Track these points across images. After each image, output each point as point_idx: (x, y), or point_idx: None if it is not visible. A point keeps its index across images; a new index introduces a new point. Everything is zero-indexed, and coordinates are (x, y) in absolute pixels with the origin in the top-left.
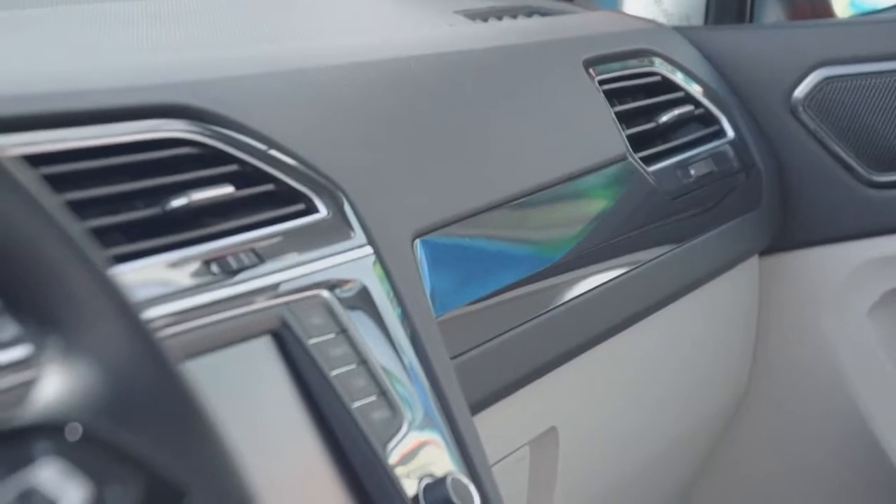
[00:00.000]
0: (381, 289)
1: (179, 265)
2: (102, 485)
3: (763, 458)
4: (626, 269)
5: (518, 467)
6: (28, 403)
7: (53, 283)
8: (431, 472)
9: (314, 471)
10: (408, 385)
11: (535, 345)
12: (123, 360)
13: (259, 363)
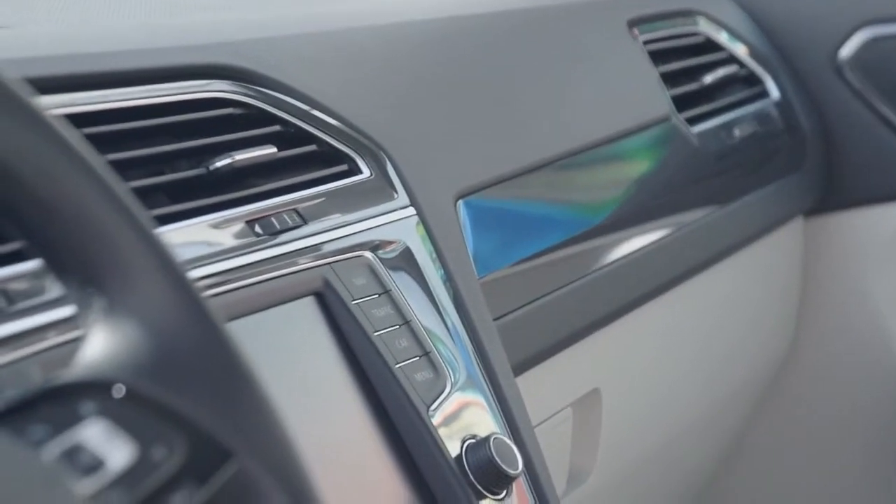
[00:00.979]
0: (424, 250)
1: (223, 226)
2: (147, 444)
3: (806, 421)
4: (669, 231)
5: (561, 429)
6: (74, 363)
7: (99, 243)
8: (474, 432)
9: (357, 432)
10: (451, 346)
11: (578, 306)
12: (168, 321)
13: (302, 324)
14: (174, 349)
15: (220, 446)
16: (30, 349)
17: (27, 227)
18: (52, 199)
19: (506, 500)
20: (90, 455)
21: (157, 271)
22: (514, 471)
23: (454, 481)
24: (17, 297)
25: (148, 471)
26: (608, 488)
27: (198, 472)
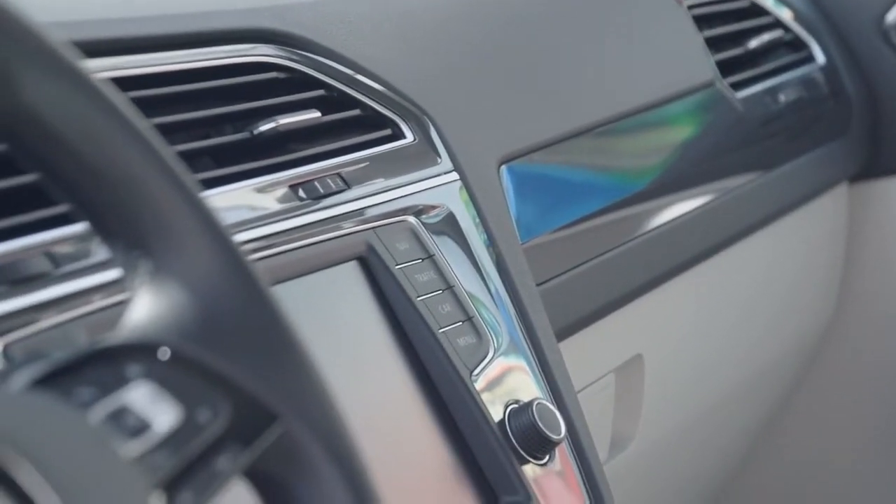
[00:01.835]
0: (467, 214)
1: (267, 190)
2: (193, 407)
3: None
4: (713, 197)
5: (603, 394)
6: (119, 325)
7: (145, 206)
8: (517, 397)
9: (400, 396)
10: (494, 311)
11: (621, 272)
12: (214, 284)
13: (345, 289)
14: (219, 312)
15: (264, 409)
16: (76, 312)
17: (74, 191)
18: (99, 163)
19: (548, 465)
20: (136, 417)
21: (202, 235)
22: (557, 436)
23: (497, 446)
24: (63, 260)
25: (193, 433)
26: (650, 455)
27: (243, 434)
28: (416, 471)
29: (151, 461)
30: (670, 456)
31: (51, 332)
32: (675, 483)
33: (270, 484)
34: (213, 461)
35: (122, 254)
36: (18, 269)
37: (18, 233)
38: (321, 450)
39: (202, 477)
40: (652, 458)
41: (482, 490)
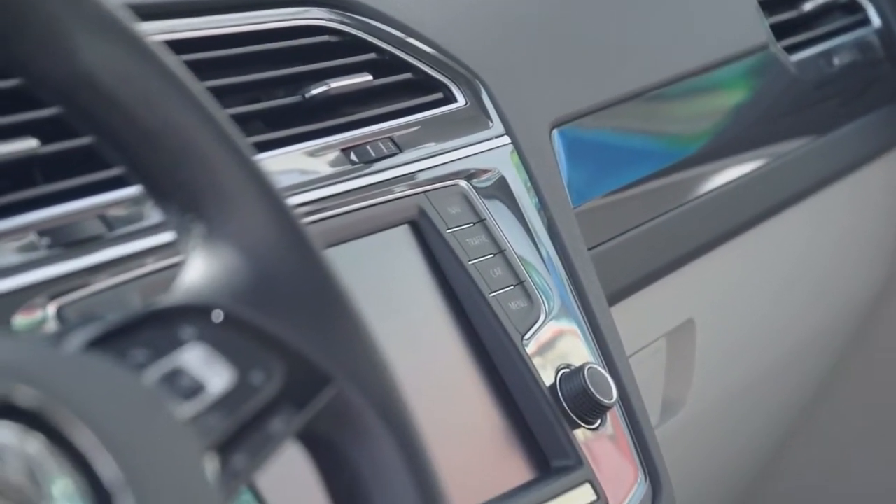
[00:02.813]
0: (519, 178)
1: (318, 153)
2: (246, 369)
3: None
4: (766, 161)
5: (655, 359)
6: (173, 288)
7: (199, 169)
8: (569, 362)
9: (451, 360)
10: (545, 275)
11: (673, 237)
12: (267, 246)
13: (397, 252)
14: (273, 275)
15: (318, 371)
16: (130, 274)
17: (128, 153)
18: (154, 125)
19: (600, 429)
20: (190, 379)
21: (256, 197)
22: (609, 400)
23: (548, 410)
24: (117, 223)
25: (246, 395)
26: (701, 420)
27: (296, 396)
28: (467, 435)
29: (205, 423)
30: (721, 422)
31: (105, 294)
32: (726, 449)
33: (323, 446)
34: (267, 423)
35: (175, 216)
36: (73, 232)
37: (73, 195)
38: (374, 413)
39: (255, 439)
40: (703, 423)
41: (533, 454)
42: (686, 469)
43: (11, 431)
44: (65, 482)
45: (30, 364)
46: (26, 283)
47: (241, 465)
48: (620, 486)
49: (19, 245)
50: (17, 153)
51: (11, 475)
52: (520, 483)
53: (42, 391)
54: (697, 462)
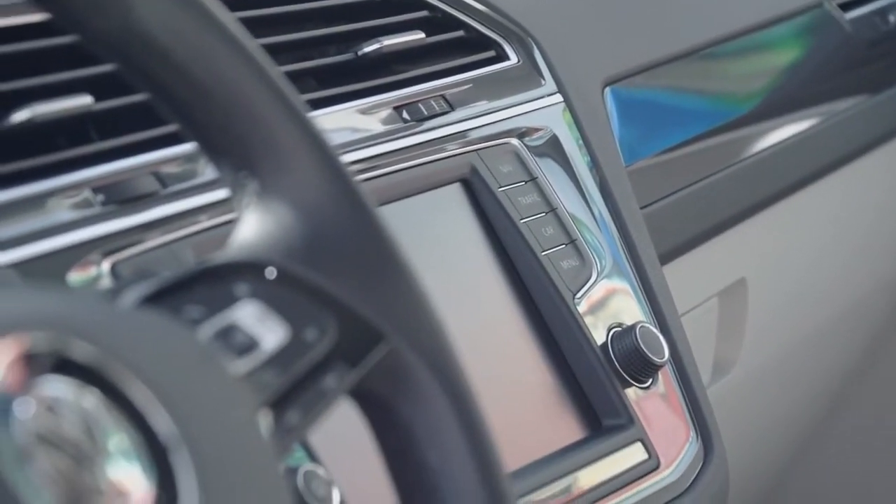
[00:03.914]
0: (571, 137)
1: (370, 111)
2: (300, 326)
3: None
4: (819, 120)
5: (706, 318)
6: (227, 245)
7: (253, 126)
8: (620, 321)
9: (503, 318)
10: (597, 234)
11: (725, 196)
12: (321, 203)
13: (448, 211)
14: (326, 232)
15: (371, 329)
16: (183, 231)
17: (182, 110)
18: (208, 82)
19: (651, 388)
20: (244, 335)
21: (310, 154)
22: (660, 359)
23: (599, 369)
24: (170, 180)
25: (300, 352)
26: (752, 379)
27: (349, 353)
28: (518, 394)
29: (259, 379)
30: (773, 382)
31: (159, 251)
32: (777, 409)
33: (376, 404)
34: (320, 380)
35: (229, 173)
36: (127, 189)
37: (127, 152)
38: (428, 371)
39: (309, 396)
40: (754, 383)
41: (585, 413)
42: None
43: (68, 386)
44: (120, 437)
45: (85, 319)
46: (81, 240)
47: (295, 422)
48: (672, 446)
49: (74, 202)
50: (72, 110)
51: (68, 429)
52: (571, 442)
53: (98, 346)
54: (748, 422)
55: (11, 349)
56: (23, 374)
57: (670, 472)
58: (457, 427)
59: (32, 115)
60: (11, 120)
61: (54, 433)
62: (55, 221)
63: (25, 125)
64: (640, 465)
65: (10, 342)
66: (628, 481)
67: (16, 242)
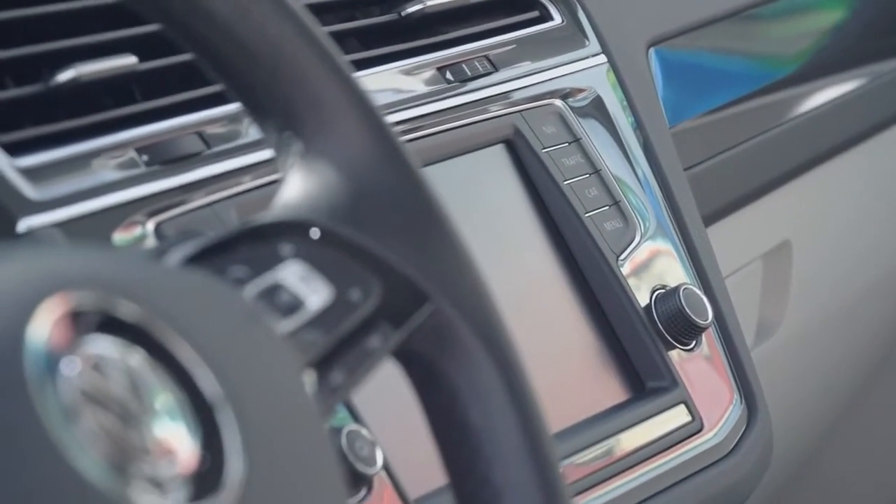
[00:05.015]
0: (615, 98)
1: (414, 72)
2: (344, 286)
3: None
4: (864, 81)
5: (750, 280)
6: (271, 205)
7: (297, 86)
8: (664, 282)
9: (546, 280)
10: (641, 195)
11: (769, 157)
12: (365, 164)
13: (491, 172)
14: (370, 192)
15: (415, 289)
16: (227, 192)
17: (227, 70)
18: (253, 41)
19: (695, 351)
20: (288, 295)
21: (354, 114)
22: (704, 321)
23: (643, 331)
24: (214, 141)
25: (345, 312)
26: (796, 342)
27: (393, 314)
28: (561, 355)
29: (303, 339)
30: (816, 344)
31: (203, 211)
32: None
33: (420, 364)
34: (364, 341)
35: (273, 133)
36: (171, 149)
37: (171, 113)
38: (472, 331)
39: (353, 356)
40: (798, 345)
41: (627, 375)
42: (781, 392)
43: (114, 345)
44: (166, 396)
45: (131, 279)
46: (125, 200)
47: (339, 382)
48: (715, 408)
49: (119, 162)
50: (117, 69)
51: (114, 388)
52: (614, 403)
53: (143, 306)
54: (792, 384)
55: (58, 308)
56: (69, 332)
57: (713, 435)
58: (501, 387)
59: (77, 74)
60: (57, 80)
61: (100, 392)
62: (100, 182)
63: (70, 85)
64: (683, 428)
65: (57, 301)
66: (671, 444)
67: (61, 202)
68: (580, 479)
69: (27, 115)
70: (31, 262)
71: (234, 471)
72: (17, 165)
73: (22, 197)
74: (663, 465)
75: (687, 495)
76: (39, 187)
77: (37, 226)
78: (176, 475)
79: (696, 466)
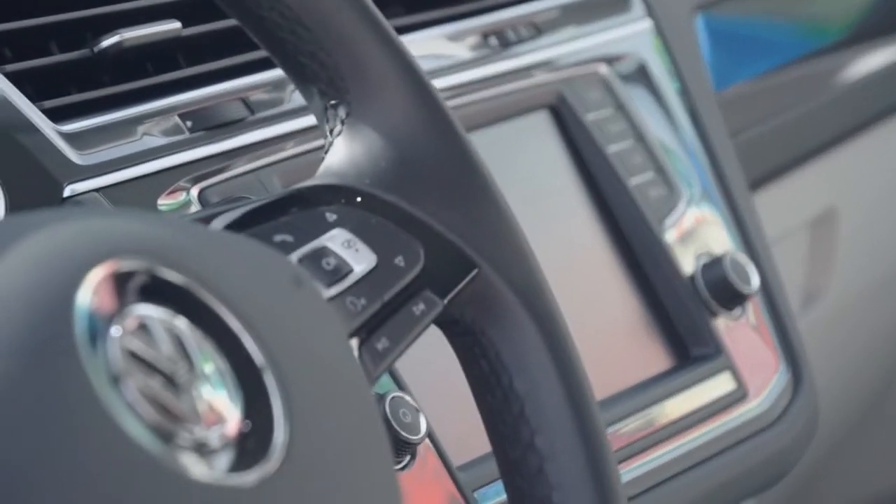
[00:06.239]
0: (661, 63)
1: (458, 38)
2: (389, 252)
3: None
4: None
5: (796, 247)
6: (316, 172)
7: (341, 52)
8: (709, 249)
9: (590, 246)
10: (686, 162)
11: (816, 123)
12: (411, 130)
13: (536, 137)
14: (416, 159)
15: (460, 255)
16: (271, 158)
17: (271, 36)
18: (297, 7)
19: (740, 318)
20: (333, 261)
21: (399, 80)
22: (751, 289)
23: (688, 298)
24: (258, 107)
25: (389, 278)
26: (843, 310)
27: (438, 280)
28: (605, 322)
29: (348, 305)
30: (863, 312)
31: (246, 177)
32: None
33: (464, 330)
34: (409, 307)
35: (318, 100)
36: (215, 115)
37: (215, 79)
38: (516, 297)
39: (398, 322)
40: (845, 313)
41: (672, 342)
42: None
43: (161, 311)
44: (214, 361)
45: (179, 245)
46: (169, 166)
47: (384, 348)
48: (761, 376)
49: (162, 128)
50: (161, 35)
51: (163, 353)
52: (659, 371)
53: (191, 272)
54: (838, 352)
55: (107, 274)
56: (118, 299)
57: (759, 403)
58: (546, 354)
59: (121, 40)
60: (101, 45)
61: (149, 356)
62: (144, 147)
63: (114, 51)
64: (729, 395)
65: (106, 268)
66: (716, 411)
67: (106, 168)
68: (623, 447)
69: (72, 81)
70: (81, 229)
71: (281, 437)
72: (62, 131)
73: (68, 162)
74: (707, 434)
75: (731, 464)
76: (84, 153)
77: (82, 191)
78: (224, 441)
79: (740, 435)
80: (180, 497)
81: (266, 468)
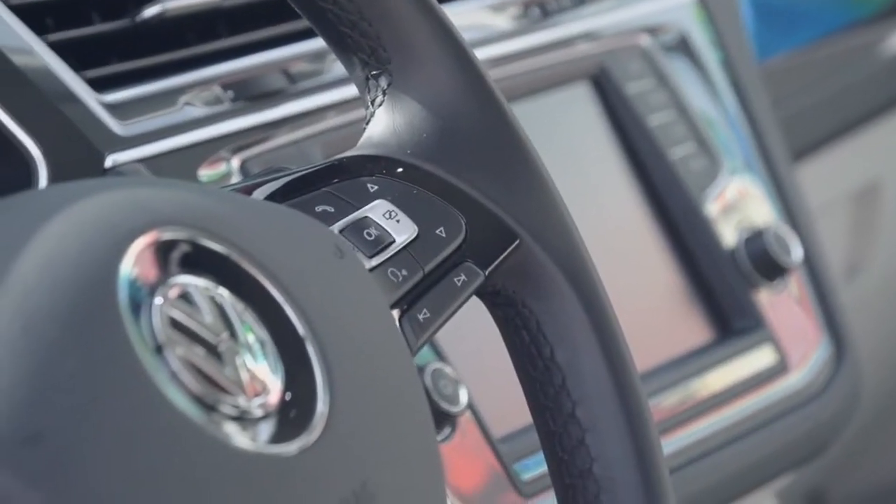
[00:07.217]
0: (703, 34)
1: (499, 8)
2: (430, 222)
3: None
4: None
5: (839, 219)
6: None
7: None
8: (751, 221)
9: (631, 218)
10: (728, 133)
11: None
12: (452, 101)
13: (577, 109)
14: (457, 129)
15: (502, 227)
16: (312, 129)
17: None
18: None
19: (783, 291)
20: (375, 231)
21: (441, 51)
22: (793, 261)
23: (730, 271)
24: (299, 78)
25: (431, 249)
26: (886, 282)
27: (479, 252)
28: (647, 294)
29: (390, 276)
30: None
31: (287, 148)
32: None
33: (506, 302)
34: (450, 278)
35: (358, 71)
36: (256, 86)
37: (256, 49)
38: (558, 269)
39: (439, 293)
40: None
41: (714, 315)
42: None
43: (204, 280)
44: (257, 331)
45: (221, 216)
46: (210, 136)
47: (425, 319)
48: (803, 348)
49: (203, 98)
50: (202, 5)
51: (206, 322)
52: (700, 343)
53: (234, 242)
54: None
55: (150, 245)
56: (161, 268)
57: (801, 376)
58: (588, 326)
59: (163, 10)
60: (142, 15)
61: (192, 325)
62: (185, 118)
63: (156, 20)
64: (770, 368)
65: (149, 238)
66: (757, 384)
67: (147, 138)
68: (664, 419)
69: (113, 50)
70: (124, 199)
71: (322, 407)
72: (103, 101)
73: (109, 132)
74: (749, 407)
75: (773, 438)
76: (126, 123)
77: (123, 161)
78: (266, 411)
79: (782, 408)
80: (223, 466)
81: (307, 438)
